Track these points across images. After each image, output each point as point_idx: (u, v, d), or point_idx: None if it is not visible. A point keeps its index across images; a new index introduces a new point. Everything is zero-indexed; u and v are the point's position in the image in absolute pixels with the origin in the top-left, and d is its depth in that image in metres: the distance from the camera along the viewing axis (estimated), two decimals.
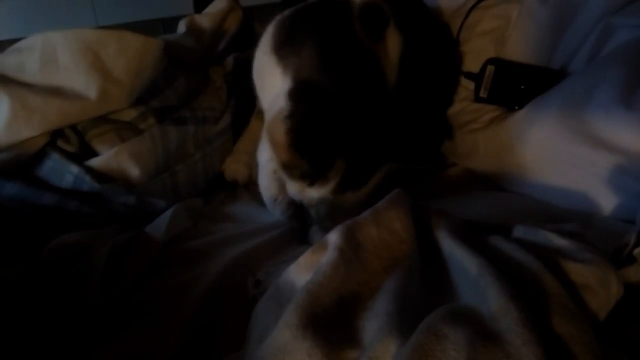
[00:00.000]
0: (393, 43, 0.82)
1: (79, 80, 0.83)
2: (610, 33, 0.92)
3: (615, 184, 0.78)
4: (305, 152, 0.74)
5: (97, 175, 0.81)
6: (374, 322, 0.49)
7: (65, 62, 0.83)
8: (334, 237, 0.57)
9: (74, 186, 0.80)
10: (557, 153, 0.83)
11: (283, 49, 0.84)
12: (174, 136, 0.90)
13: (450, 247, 0.58)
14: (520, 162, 0.88)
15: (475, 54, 1.04)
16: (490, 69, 0.99)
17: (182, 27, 1.22)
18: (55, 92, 0.81)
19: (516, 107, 0.94)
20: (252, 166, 1.01)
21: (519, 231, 0.63)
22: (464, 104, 1.03)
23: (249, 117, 1.09)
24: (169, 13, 2.07)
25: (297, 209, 0.82)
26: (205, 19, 1.21)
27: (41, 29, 1.89)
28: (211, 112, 1.01)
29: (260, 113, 1.06)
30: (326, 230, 0.75)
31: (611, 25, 0.92)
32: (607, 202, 0.78)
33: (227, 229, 0.83)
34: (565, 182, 0.83)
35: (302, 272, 0.56)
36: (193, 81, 1.05)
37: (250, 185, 1.03)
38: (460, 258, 0.55)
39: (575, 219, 0.78)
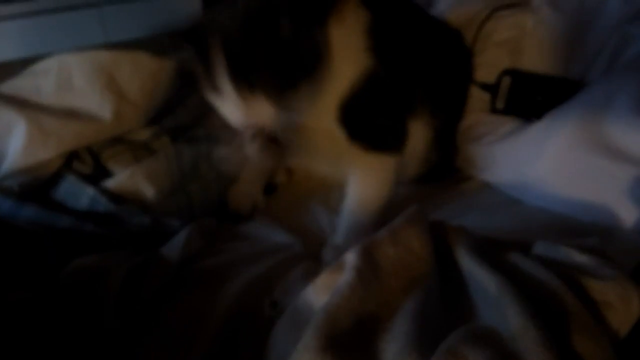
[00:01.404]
0: (353, 19, 0.79)
1: (94, 101, 0.84)
2: (627, 42, 0.91)
3: (636, 197, 0.76)
4: None
5: (113, 196, 0.81)
6: (393, 344, 0.49)
7: (80, 84, 0.84)
8: (351, 258, 0.56)
9: (89, 208, 0.80)
10: (576, 165, 0.82)
11: None
12: (187, 155, 0.90)
13: (469, 265, 0.57)
14: (539, 174, 0.86)
15: (491, 64, 1.03)
16: (506, 79, 0.98)
17: None
18: (71, 114, 0.82)
19: (533, 119, 0.92)
20: (256, 196, 1.01)
21: (540, 248, 0.62)
22: (480, 115, 1.02)
23: None
24: (180, 27, 2.08)
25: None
26: None
27: (50, 45, 1.90)
28: (225, 130, 1.01)
29: None
30: (340, 249, 0.75)
31: (628, 34, 0.91)
32: (628, 214, 0.77)
33: (241, 248, 0.82)
34: (585, 195, 0.81)
35: (320, 293, 0.56)
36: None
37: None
38: (479, 277, 0.54)
39: (596, 232, 0.76)
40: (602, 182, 0.80)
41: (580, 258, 0.57)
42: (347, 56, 0.78)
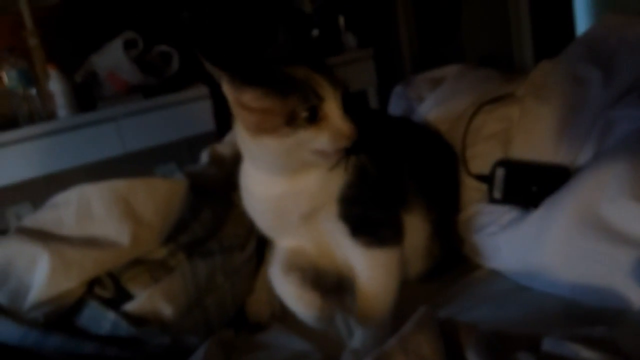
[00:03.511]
0: None
1: (113, 228, 0.88)
2: (610, 125, 0.96)
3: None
4: None
5: (133, 319, 0.84)
6: None
7: (99, 213, 0.89)
8: None
9: (112, 332, 0.83)
10: (579, 251, 0.84)
11: None
12: (203, 270, 0.94)
13: None
14: (544, 262, 0.88)
15: (484, 156, 1.08)
16: (500, 170, 1.02)
17: (205, 157, 1.28)
18: (91, 242, 0.87)
19: (531, 207, 0.95)
20: (274, 303, 1.02)
21: (548, 344, 0.63)
22: (479, 206, 1.06)
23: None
24: (193, 132, 2.18)
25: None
26: (226, 148, 1.28)
27: (72, 161, 1.98)
28: (236, 240, 1.05)
29: None
30: (358, 354, 0.76)
31: (612, 118, 0.96)
32: (635, 295, 0.78)
33: None
34: (590, 279, 0.83)
35: None
36: (218, 209, 1.09)
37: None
38: None
39: (606, 316, 0.77)
40: (606, 265, 0.81)
41: (587, 354, 0.58)
42: None
